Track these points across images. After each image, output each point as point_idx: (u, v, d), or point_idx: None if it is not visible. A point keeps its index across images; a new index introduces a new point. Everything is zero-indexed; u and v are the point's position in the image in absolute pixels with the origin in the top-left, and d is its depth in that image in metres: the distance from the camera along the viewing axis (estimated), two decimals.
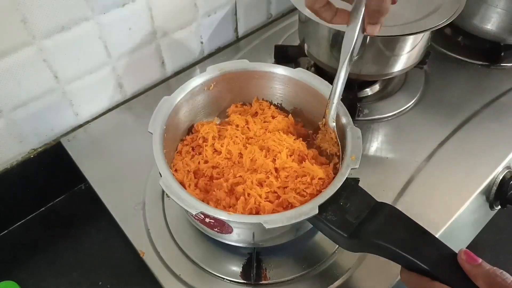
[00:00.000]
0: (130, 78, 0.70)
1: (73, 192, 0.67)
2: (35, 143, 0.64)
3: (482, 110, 0.69)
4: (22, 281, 0.55)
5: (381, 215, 0.42)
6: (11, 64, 0.54)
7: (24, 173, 0.63)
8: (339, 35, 0.61)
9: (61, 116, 0.65)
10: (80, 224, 0.62)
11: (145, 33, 0.67)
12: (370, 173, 0.60)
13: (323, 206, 0.42)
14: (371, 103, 0.71)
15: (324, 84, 0.54)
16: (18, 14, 0.51)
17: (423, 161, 0.62)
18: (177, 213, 0.57)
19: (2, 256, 0.59)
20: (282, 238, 0.49)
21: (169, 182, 0.43)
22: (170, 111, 0.51)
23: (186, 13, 0.71)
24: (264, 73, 0.56)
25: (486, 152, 0.63)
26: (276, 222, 0.40)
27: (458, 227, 0.59)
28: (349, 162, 0.45)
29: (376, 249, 0.40)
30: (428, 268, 0.37)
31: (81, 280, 0.56)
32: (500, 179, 0.63)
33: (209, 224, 0.46)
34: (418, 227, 0.40)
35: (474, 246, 0.70)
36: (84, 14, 0.57)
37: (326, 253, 0.53)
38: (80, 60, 0.61)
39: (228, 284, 0.51)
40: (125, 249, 0.56)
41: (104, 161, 0.64)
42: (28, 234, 0.62)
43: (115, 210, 0.58)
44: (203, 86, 0.55)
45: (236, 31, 0.83)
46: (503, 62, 0.77)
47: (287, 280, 0.51)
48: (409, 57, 0.63)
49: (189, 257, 0.53)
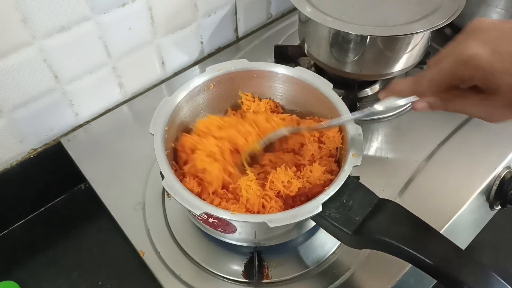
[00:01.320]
0: (130, 78, 0.70)
1: (73, 192, 0.66)
2: (35, 143, 0.63)
3: None
4: (22, 281, 0.55)
5: (384, 211, 0.42)
6: (11, 64, 0.54)
7: (24, 173, 0.63)
8: (339, 35, 0.61)
9: (61, 116, 0.65)
10: (80, 224, 0.62)
11: (145, 33, 0.67)
12: (370, 173, 0.60)
13: (326, 204, 0.42)
14: (371, 103, 0.70)
15: (324, 83, 0.54)
16: (18, 14, 0.51)
17: (423, 161, 0.62)
18: (177, 213, 0.57)
19: (2, 256, 0.59)
20: (284, 236, 0.50)
21: (172, 183, 0.43)
22: (171, 112, 0.51)
23: (186, 13, 0.71)
24: (264, 73, 0.56)
25: (486, 152, 0.63)
26: (280, 220, 0.40)
27: (458, 227, 0.59)
28: (352, 159, 0.45)
29: (380, 245, 0.41)
30: (433, 263, 0.37)
31: (81, 280, 0.56)
32: (500, 179, 0.63)
33: (213, 224, 0.46)
34: (421, 223, 0.41)
35: (474, 246, 0.71)
36: (84, 14, 0.57)
37: (328, 251, 0.53)
38: (80, 60, 0.61)
39: (230, 283, 0.51)
40: (125, 249, 0.56)
41: (104, 161, 0.64)
42: (28, 234, 0.62)
43: (115, 210, 0.58)
44: (203, 86, 0.55)
45: (236, 31, 0.83)
46: None
47: (289, 278, 0.51)
48: (409, 57, 0.63)
49: (189, 257, 0.53)
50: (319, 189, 0.47)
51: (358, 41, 0.60)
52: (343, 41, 0.61)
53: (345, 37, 0.61)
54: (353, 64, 0.63)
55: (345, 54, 0.63)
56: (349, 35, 0.60)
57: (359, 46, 0.60)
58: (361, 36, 0.59)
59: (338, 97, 0.52)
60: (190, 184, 0.48)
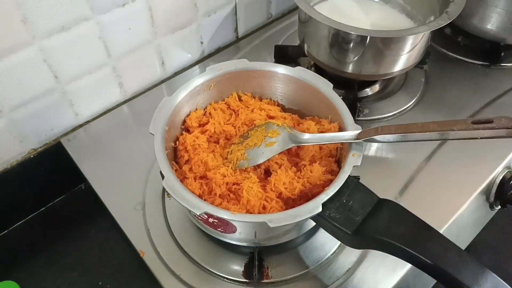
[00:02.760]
0: (130, 78, 0.70)
1: (73, 192, 0.66)
2: (35, 143, 0.63)
3: (482, 110, 0.69)
4: (22, 281, 0.55)
5: (384, 211, 0.42)
6: (11, 64, 0.54)
7: (24, 173, 0.63)
8: (339, 36, 0.61)
9: (61, 116, 0.65)
10: (80, 224, 0.62)
11: (145, 33, 0.67)
12: (370, 173, 0.60)
13: (326, 204, 0.42)
14: (371, 103, 0.71)
15: (324, 83, 0.54)
16: (18, 14, 0.51)
17: (423, 161, 0.62)
18: (177, 213, 0.57)
19: (2, 256, 0.59)
20: (284, 236, 0.50)
21: (172, 183, 0.43)
22: (171, 111, 0.51)
23: (186, 13, 0.71)
24: (264, 72, 0.56)
25: (486, 152, 0.63)
26: (280, 220, 0.40)
27: (458, 227, 0.59)
28: (352, 159, 0.45)
29: (380, 245, 0.41)
30: (433, 263, 0.37)
31: (81, 280, 0.56)
32: (500, 179, 0.63)
33: (213, 224, 0.46)
34: (421, 223, 0.40)
35: (474, 246, 0.71)
36: (84, 14, 0.57)
37: (328, 251, 0.53)
38: (80, 60, 0.61)
39: (230, 283, 0.51)
40: (125, 249, 0.56)
41: (104, 161, 0.64)
42: (28, 234, 0.62)
43: (115, 210, 0.58)
44: (203, 86, 0.55)
45: (236, 31, 0.83)
46: (503, 62, 0.77)
47: (289, 278, 0.51)
48: (409, 57, 0.63)
49: (189, 257, 0.53)
50: (319, 189, 0.47)
51: (358, 42, 0.60)
52: (343, 41, 0.61)
53: (345, 38, 0.61)
54: (353, 64, 0.63)
55: (345, 54, 0.62)
56: (349, 35, 0.60)
57: (359, 46, 0.60)
58: (361, 37, 0.59)
59: (338, 97, 0.52)
60: (192, 186, 0.48)
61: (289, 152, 0.52)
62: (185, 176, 0.50)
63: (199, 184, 0.49)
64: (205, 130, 0.54)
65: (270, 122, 0.53)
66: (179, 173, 0.50)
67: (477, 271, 0.36)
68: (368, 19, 0.71)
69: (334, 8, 0.72)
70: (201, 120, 0.55)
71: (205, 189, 0.48)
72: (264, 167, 0.51)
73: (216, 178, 0.48)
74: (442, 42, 0.82)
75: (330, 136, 0.49)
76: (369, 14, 0.72)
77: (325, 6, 0.73)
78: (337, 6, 0.73)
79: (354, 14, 0.72)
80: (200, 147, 0.52)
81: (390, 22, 0.71)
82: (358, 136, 0.46)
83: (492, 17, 0.73)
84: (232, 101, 0.57)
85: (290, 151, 0.52)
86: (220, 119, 0.55)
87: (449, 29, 0.84)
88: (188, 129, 0.55)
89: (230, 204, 0.47)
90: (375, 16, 0.72)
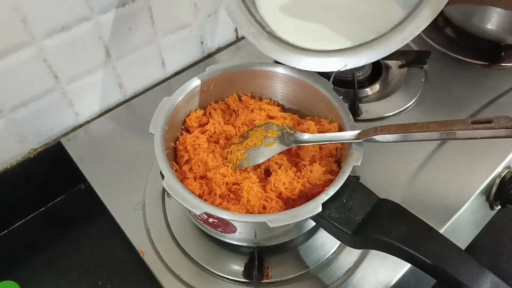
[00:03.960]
0: (130, 78, 0.70)
1: (73, 192, 0.66)
2: (35, 143, 0.63)
3: (482, 110, 0.69)
4: (22, 281, 0.55)
5: (384, 211, 0.42)
6: (11, 64, 0.54)
7: (24, 173, 0.63)
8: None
9: (61, 116, 0.65)
10: (80, 224, 0.62)
11: (145, 33, 0.67)
12: (370, 173, 0.60)
13: (326, 204, 0.42)
14: (371, 103, 0.71)
15: (325, 82, 0.54)
16: (18, 14, 0.51)
17: (423, 161, 0.62)
18: (177, 213, 0.57)
19: (2, 256, 0.59)
20: (284, 236, 0.50)
21: (172, 183, 0.43)
22: (171, 111, 0.51)
23: (186, 13, 0.71)
24: (264, 72, 0.57)
25: (486, 152, 0.63)
26: (280, 220, 0.40)
27: (458, 227, 0.59)
28: (352, 159, 0.45)
29: (380, 245, 0.41)
30: (433, 263, 0.37)
31: (81, 280, 0.56)
32: (500, 179, 0.63)
33: (213, 224, 0.46)
34: (421, 223, 0.40)
35: (474, 246, 0.71)
36: (84, 14, 0.57)
37: (328, 251, 0.53)
38: (80, 60, 0.61)
39: (230, 283, 0.51)
40: (125, 249, 0.56)
41: (104, 161, 0.64)
42: (28, 234, 0.62)
43: (115, 210, 0.58)
44: (203, 86, 0.55)
45: (236, 31, 0.83)
46: (503, 62, 0.77)
47: (289, 278, 0.51)
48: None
49: (189, 257, 0.53)
50: (319, 189, 0.47)
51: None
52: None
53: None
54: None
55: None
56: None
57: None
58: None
59: (338, 97, 0.52)
60: (192, 186, 0.48)
61: (289, 152, 0.52)
62: (185, 176, 0.50)
63: (199, 184, 0.49)
64: (205, 130, 0.54)
65: (270, 122, 0.53)
66: (179, 173, 0.50)
67: (477, 271, 0.36)
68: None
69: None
70: (201, 120, 0.55)
71: (205, 189, 0.48)
72: (264, 167, 0.51)
73: (216, 178, 0.48)
74: (442, 42, 0.81)
75: (330, 136, 0.49)
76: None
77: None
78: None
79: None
80: (200, 147, 0.52)
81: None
82: (358, 136, 0.46)
83: (492, 17, 0.73)
84: (232, 101, 0.57)
85: (290, 151, 0.52)
86: (220, 119, 0.55)
87: (449, 29, 0.84)
88: (188, 129, 0.55)
89: (230, 204, 0.47)
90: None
